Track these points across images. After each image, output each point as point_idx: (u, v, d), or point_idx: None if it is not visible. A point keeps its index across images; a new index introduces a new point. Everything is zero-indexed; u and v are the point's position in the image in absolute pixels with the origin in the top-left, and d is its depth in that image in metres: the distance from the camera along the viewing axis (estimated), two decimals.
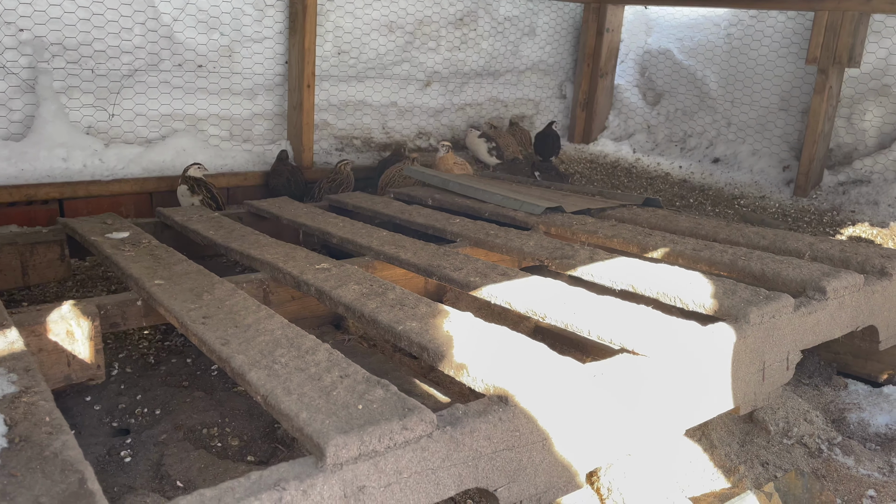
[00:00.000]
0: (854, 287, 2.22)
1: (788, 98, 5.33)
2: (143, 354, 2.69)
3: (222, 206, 3.88)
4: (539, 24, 6.11)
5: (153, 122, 4.39)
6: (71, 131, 4.02)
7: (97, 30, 4.04)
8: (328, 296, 2.05)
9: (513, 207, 3.31)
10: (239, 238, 2.72)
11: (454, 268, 2.33)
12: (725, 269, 2.39)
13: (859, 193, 4.77)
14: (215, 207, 3.81)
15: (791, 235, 2.75)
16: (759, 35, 5.44)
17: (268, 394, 1.39)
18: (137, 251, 2.46)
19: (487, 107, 6.03)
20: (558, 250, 2.57)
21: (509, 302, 2.04)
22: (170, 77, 4.39)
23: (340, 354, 1.58)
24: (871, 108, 4.90)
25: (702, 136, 5.80)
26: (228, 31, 4.54)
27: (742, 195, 5.14)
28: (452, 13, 5.59)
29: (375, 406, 1.35)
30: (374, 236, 2.78)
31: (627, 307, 1.96)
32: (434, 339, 1.69)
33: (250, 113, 4.77)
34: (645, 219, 3.12)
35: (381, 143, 5.45)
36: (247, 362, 1.53)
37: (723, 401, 1.89)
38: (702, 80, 5.81)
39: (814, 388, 2.61)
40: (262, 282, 2.35)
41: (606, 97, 6.31)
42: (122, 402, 2.36)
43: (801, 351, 2.10)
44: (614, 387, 1.62)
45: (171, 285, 2.09)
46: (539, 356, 1.62)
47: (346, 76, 5.21)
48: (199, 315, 1.83)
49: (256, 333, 1.71)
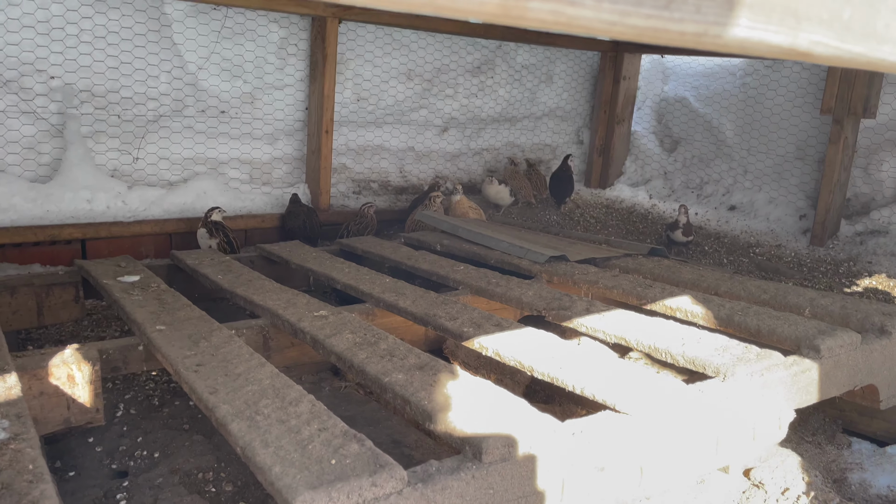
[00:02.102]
0: (850, 345, 2.20)
1: (804, 147, 5.32)
2: (148, 396, 2.75)
3: (237, 248, 3.98)
4: (556, 71, 6.21)
5: (175, 165, 4.53)
6: (96, 174, 4.18)
7: (125, 77, 4.22)
8: (321, 344, 2.09)
9: (518, 255, 3.34)
10: (245, 283, 2.79)
11: (450, 317, 2.36)
12: (722, 324, 2.38)
13: (877, 244, 4.71)
14: (230, 250, 3.91)
15: (793, 290, 2.73)
16: (774, 84, 5.46)
17: (245, 446, 1.43)
18: (145, 295, 2.54)
19: (505, 152, 6.11)
20: (556, 301, 2.59)
21: (498, 353, 2.07)
22: (193, 122, 4.54)
23: (323, 406, 1.62)
24: (888, 159, 4.87)
25: (718, 183, 5.80)
26: (251, 79, 4.70)
27: (758, 243, 5.10)
28: (470, 61, 5.72)
29: (349, 461, 1.37)
30: (376, 283, 2.83)
31: (616, 362, 1.97)
32: (416, 392, 1.72)
33: (270, 157, 4.91)
34: (649, 269, 3.13)
35: (399, 187, 5.55)
36: (230, 412, 1.57)
37: (711, 460, 1.87)
38: (718, 127, 5.84)
39: (816, 447, 2.56)
40: (263, 328, 2.41)
41: (623, 143, 6.35)
42: (123, 444, 2.41)
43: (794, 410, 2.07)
44: (594, 445, 1.63)
45: (171, 331, 2.15)
46: (519, 412, 1.64)
47: (364, 122, 5.34)
48: (193, 363, 1.88)
49: (245, 382, 1.75)
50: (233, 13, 4.49)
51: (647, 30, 0.50)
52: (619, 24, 0.48)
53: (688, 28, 0.52)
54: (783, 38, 0.58)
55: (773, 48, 0.59)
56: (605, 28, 0.48)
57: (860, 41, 0.65)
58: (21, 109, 3.95)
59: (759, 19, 0.55)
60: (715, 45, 0.55)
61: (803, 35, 0.60)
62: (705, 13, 0.52)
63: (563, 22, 0.45)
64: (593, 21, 0.46)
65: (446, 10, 0.41)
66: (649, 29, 0.50)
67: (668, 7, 0.49)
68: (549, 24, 0.45)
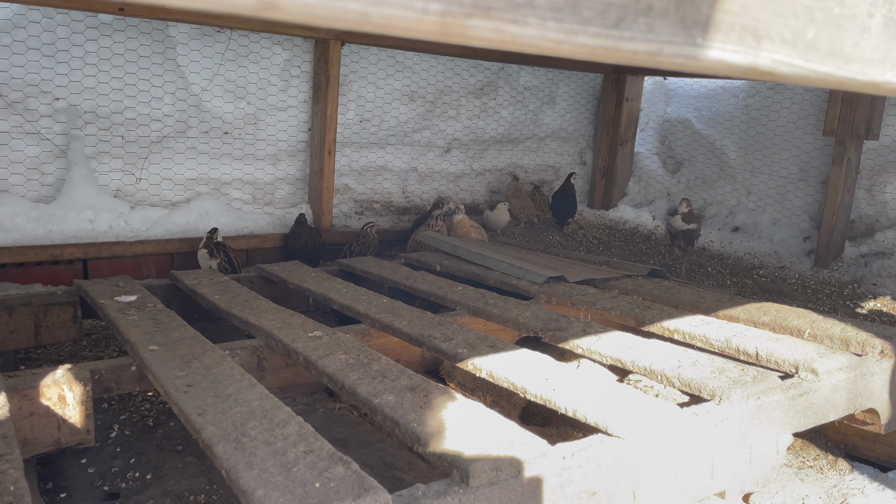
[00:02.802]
0: (850, 368, 2.17)
1: (807, 168, 5.30)
2: (143, 416, 2.74)
3: (238, 269, 3.99)
4: (559, 93, 6.24)
5: (178, 185, 4.56)
6: (99, 194, 4.20)
7: (129, 98, 4.26)
8: (314, 365, 2.08)
9: (517, 276, 3.33)
10: (242, 303, 2.78)
11: (444, 338, 2.35)
12: (720, 347, 2.36)
13: (882, 266, 4.67)
14: (231, 270, 3.92)
15: (793, 312, 2.71)
16: (776, 106, 5.47)
17: (230, 468, 1.42)
18: (141, 315, 2.54)
19: (508, 172, 6.12)
20: (552, 322, 2.57)
21: (491, 374, 2.05)
22: (196, 143, 4.58)
23: (311, 428, 1.60)
24: (892, 181, 4.85)
25: (721, 204, 5.78)
26: (255, 100, 4.74)
27: (761, 265, 5.07)
28: (473, 83, 5.75)
29: (333, 484, 1.36)
30: (373, 303, 2.82)
31: (612, 384, 1.95)
32: (406, 413, 1.70)
33: (273, 178, 4.93)
34: (648, 290, 3.11)
35: (401, 207, 5.56)
36: (217, 434, 1.56)
37: (707, 485, 1.84)
38: (721, 149, 5.83)
39: (818, 472, 2.52)
40: (257, 348, 2.40)
41: (626, 164, 6.35)
42: (115, 465, 2.40)
43: (793, 434, 2.04)
44: (585, 469, 1.60)
45: (164, 351, 2.14)
46: (509, 435, 1.62)
47: (367, 143, 5.37)
48: (184, 383, 1.87)
49: (234, 404, 1.74)
50: (237, 35, 4.54)
51: (598, 49, 0.49)
52: (567, 42, 0.47)
53: (640, 47, 0.51)
54: (743, 57, 0.58)
55: (734, 68, 0.59)
56: (552, 47, 0.47)
57: (826, 61, 0.64)
58: (25, 130, 3.99)
59: (716, 39, 0.55)
60: (672, 64, 0.55)
61: (765, 54, 0.59)
62: (658, 32, 0.51)
63: (507, 41, 0.45)
64: (538, 39, 0.46)
65: (383, 28, 0.40)
66: (599, 48, 0.49)
67: (618, 26, 0.48)
68: (492, 42, 0.45)
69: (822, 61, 0.64)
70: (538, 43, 0.46)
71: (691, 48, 0.53)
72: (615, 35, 0.49)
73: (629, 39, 0.50)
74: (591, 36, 0.48)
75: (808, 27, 0.62)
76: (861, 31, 0.67)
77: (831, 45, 0.64)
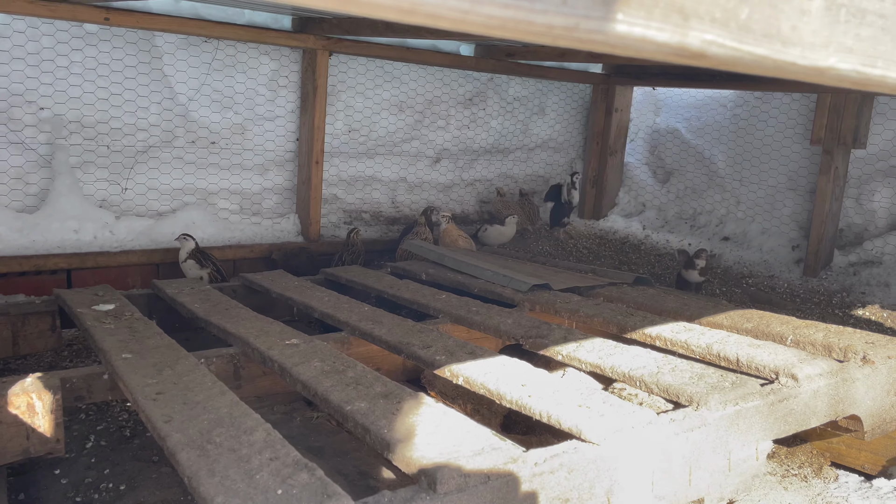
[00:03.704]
0: (831, 374, 2.15)
1: (796, 178, 5.30)
2: (120, 427, 2.70)
3: (227, 278, 3.97)
4: (548, 103, 6.25)
5: (165, 195, 4.54)
6: (84, 204, 4.18)
7: (115, 108, 4.25)
8: (289, 373, 2.05)
9: (501, 284, 3.31)
10: (221, 312, 2.76)
11: (424, 345, 2.32)
12: (701, 353, 2.34)
13: (870, 275, 4.66)
14: (220, 279, 3.91)
15: (776, 319, 2.69)
16: (764, 116, 5.48)
17: (192, 475, 1.39)
18: (117, 324, 2.51)
19: (498, 183, 6.11)
20: (534, 329, 2.55)
21: (468, 380, 2.02)
22: (183, 153, 4.56)
23: (278, 435, 1.58)
24: (880, 189, 4.85)
25: (711, 213, 5.78)
26: (242, 110, 4.73)
27: (751, 274, 5.06)
28: (462, 93, 5.76)
29: (295, 491, 1.33)
30: (354, 311, 2.79)
31: (588, 391, 1.93)
32: (377, 420, 1.67)
33: (260, 187, 4.91)
34: (632, 298, 3.09)
35: (391, 217, 5.54)
36: (181, 441, 1.53)
37: (684, 492, 1.81)
38: (710, 158, 5.84)
39: (802, 480, 2.49)
40: (234, 356, 2.37)
41: (616, 174, 6.35)
42: (89, 476, 2.36)
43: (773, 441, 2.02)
44: (558, 476, 1.57)
45: (137, 359, 2.11)
46: (481, 441, 1.59)
47: (356, 153, 5.36)
48: (153, 391, 1.84)
49: (203, 411, 1.71)
50: (224, 45, 4.54)
51: (509, 21, 0.48)
52: (473, 13, 0.46)
53: (555, 21, 0.49)
54: (669, 36, 0.56)
55: (661, 47, 0.57)
56: (457, 17, 0.45)
57: (762, 43, 0.63)
58: (9, 140, 3.97)
59: (638, 15, 0.53)
60: (593, 41, 0.53)
61: (694, 34, 0.57)
62: (573, 6, 0.49)
63: (405, 8, 0.43)
64: (440, 8, 0.44)
65: None
66: (510, 21, 0.48)
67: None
68: (390, 10, 0.43)
69: (758, 43, 0.62)
70: (440, 12, 0.44)
71: (611, 24, 0.52)
72: (525, 6, 0.47)
73: (541, 12, 0.48)
74: (499, 6, 0.46)
75: (741, 7, 0.60)
76: (800, 14, 0.65)
77: (767, 27, 0.63)
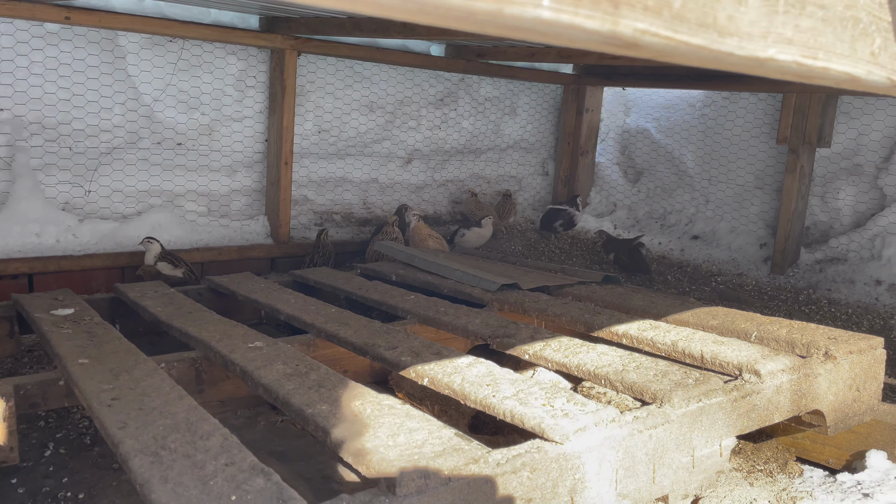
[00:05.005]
0: (793, 370, 2.16)
1: (763, 177, 5.37)
2: (80, 434, 2.64)
3: (199, 279, 3.92)
4: (520, 104, 6.26)
5: (130, 198, 4.46)
6: (46, 207, 4.08)
7: (77, 109, 4.16)
8: (250, 376, 2.02)
9: (471, 284, 3.30)
10: (184, 315, 2.71)
11: (389, 346, 2.30)
12: (666, 350, 2.34)
13: (836, 272, 4.73)
14: (194, 279, 3.86)
15: (742, 315, 2.71)
16: (732, 116, 5.54)
17: (144, 483, 1.35)
18: (76, 329, 2.45)
19: (470, 183, 6.11)
20: (501, 328, 2.54)
21: (433, 381, 2.00)
22: (148, 154, 4.48)
23: (235, 440, 1.54)
24: (844, 188, 4.93)
25: (681, 213, 5.83)
26: (209, 111, 4.66)
27: (720, 272, 5.11)
28: (433, 94, 5.74)
29: (250, 497, 1.30)
30: (321, 313, 2.76)
31: (552, 389, 1.92)
32: (338, 423, 1.65)
33: (229, 189, 4.85)
34: (601, 296, 3.10)
35: (362, 219, 5.50)
36: (135, 448, 1.49)
37: (648, 489, 1.81)
38: (679, 158, 5.89)
39: (767, 475, 2.51)
40: (196, 361, 2.33)
41: (587, 174, 6.38)
42: (47, 485, 2.30)
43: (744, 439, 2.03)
44: (520, 476, 1.56)
45: (94, 364, 2.06)
46: (443, 442, 1.58)
47: (326, 154, 5.31)
48: (109, 397, 1.80)
49: (159, 416, 1.67)
50: (189, 45, 4.47)
51: (427, 5, 0.46)
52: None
53: (477, 6, 0.48)
54: (600, 24, 0.55)
55: (591, 35, 0.56)
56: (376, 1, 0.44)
57: (698, 33, 0.62)
58: None
59: (565, 1, 0.52)
60: (519, 28, 0.52)
61: (625, 22, 0.56)
62: None
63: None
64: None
65: None
66: (429, 5, 0.46)
67: None
68: None
69: (693, 33, 0.61)
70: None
71: (536, 10, 0.50)
72: None
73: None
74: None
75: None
76: (736, 4, 0.64)
77: (703, 17, 0.62)
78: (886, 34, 0.83)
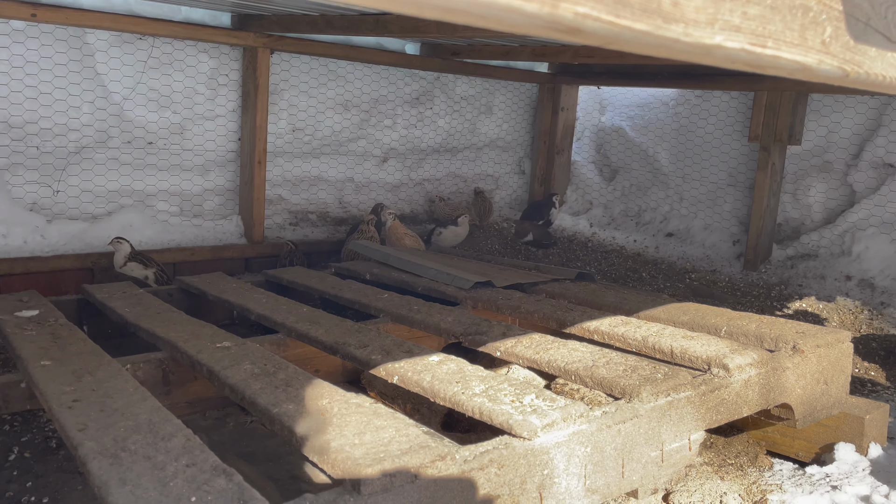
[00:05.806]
0: (761, 364, 2.18)
1: (735, 174, 5.42)
2: (46, 438, 2.59)
3: (171, 280, 3.87)
4: (496, 102, 6.26)
5: (99, 198, 4.39)
6: (12, 208, 4.01)
7: (44, 108, 4.09)
8: (217, 376, 1.99)
9: (445, 282, 3.29)
10: (153, 316, 2.67)
11: (360, 345, 2.28)
12: (637, 346, 2.35)
13: (807, 268, 4.79)
14: (165, 280, 3.81)
15: (712, 311, 2.73)
16: (704, 113, 5.59)
17: (102, 485, 1.32)
18: (40, 331, 2.40)
19: (447, 182, 6.10)
20: (473, 326, 2.53)
21: (403, 379, 1.99)
22: (118, 154, 4.42)
23: (198, 441, 1.52)
24: (815, 184, 4.99)
25: (656, 210, 5.87)
26: (180, 110, 4.60)
27: (694, 269, 5.15)
28: (408, 92, 5.72)
29: (210, 498, 1.28)
30: (292, 313, 2.73)
31: (522, 386, 1.91)
32: (303, 422, 1.63)
33: (201, 189, 4.79)
34: (574, 293, 3.10)
35: (338, 218, 5.47)
36: (94, 450, 1.46)
37: (617, 484, 1.81)
38: (653, 156, 5.93)
39: (738, 469, 2.52)
40: (162, 361, 2.29)
41: (563, 173, 6.40)
42: (11, 489, 2.25)
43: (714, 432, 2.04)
44: (488, 473, 1.55)
45: (56, 366, 2.02)
46: (410, 440, 1.56)
47: (301, 152, 5.27)
48: (70, 398, 1.76)
49: (121, 418, 1.64)
50: (160, 43, 4.41)
51: None
52: None
53: None
54: (539, 6, 0.54)
55: (531, 18, 0.55)
56: None
57: (641, 18, 0.61)
58: None
59: None
60: (453, 10, 0.51)
61: (565, 6, 0.55)
62: None
63: None
64: None
65: None
66: None
67: None
68: None
69: (637, 19, 0.61)
70: None
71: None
72: None
73: None
74: None
75: None
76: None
77: (647, 2, 0.61)
78: (838, 23, 0.83)
